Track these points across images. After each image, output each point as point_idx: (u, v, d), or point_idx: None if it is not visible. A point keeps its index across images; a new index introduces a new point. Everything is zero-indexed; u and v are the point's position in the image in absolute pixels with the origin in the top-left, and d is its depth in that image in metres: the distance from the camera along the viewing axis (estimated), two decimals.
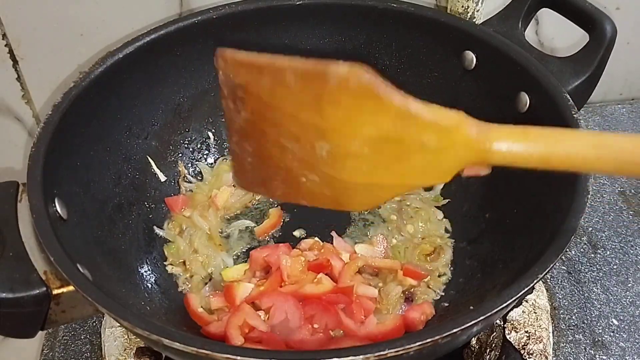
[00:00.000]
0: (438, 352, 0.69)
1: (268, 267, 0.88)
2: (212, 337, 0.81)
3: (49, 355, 0.92)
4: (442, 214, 0.99)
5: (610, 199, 1.10)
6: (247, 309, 0.82)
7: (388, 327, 0.82)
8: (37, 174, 0.75)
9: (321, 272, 0.87)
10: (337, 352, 0.60)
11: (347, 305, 0.83)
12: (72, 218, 0.78)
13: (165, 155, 0.99)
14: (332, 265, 0.87)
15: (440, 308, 0.87)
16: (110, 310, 0.65)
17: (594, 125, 1.22)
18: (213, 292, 0.88)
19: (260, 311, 0.83)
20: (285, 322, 0.81)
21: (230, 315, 0.82)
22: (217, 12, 0.96)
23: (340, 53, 1.04)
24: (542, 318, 0.88)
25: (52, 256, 0.68)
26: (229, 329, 0.79)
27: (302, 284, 0.84)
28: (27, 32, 1.00)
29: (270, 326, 0.81)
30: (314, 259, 0.89)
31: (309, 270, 0.87)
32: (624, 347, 0.91)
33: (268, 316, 0.82)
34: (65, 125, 0.81)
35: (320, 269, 0.87)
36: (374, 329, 0.82)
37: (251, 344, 0.78)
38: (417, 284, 0.89)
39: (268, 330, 0.80)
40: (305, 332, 0.80)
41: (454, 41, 0.95)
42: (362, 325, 0.82)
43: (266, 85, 0.56)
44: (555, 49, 1.18)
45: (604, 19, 0.85)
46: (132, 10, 1.01)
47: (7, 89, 1.05)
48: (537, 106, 0.87)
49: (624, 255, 1.02)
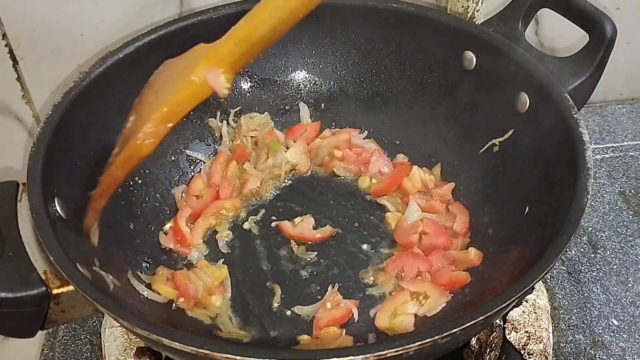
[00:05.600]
0: (438, 352, 0.69)
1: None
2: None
3: (49, 355, 0.92)
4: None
5: (610, 199, 1.10)
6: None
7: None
8: (37, 174, 0.75)
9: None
10: (337, 352, 0.60)
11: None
12: (72, 218, 0.78)
13: (165, 155, 0.99)
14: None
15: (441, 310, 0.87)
16: (110, 310, 0.65)
17: (594, 125, 1.22)
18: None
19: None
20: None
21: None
22: (217, 12, 0.96)
23: (340, 53, 1.04)
24: (542, 318, 0.88)
25: (52, 256, 0.68)
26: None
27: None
28: (27, 32, 1.00)
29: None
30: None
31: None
32: (624, 347, 0.91)
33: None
34: (65, 125, 0.81)
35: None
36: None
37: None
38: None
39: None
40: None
41: (454, 41, 0.95)
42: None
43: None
44: (555, 49, 1.18)
45: (604, 19, 0.85)
46: (132, 10, 1.02)
47: (7, 89, 1.05)
48: (537, 106, 0.87)
49: (624, 255, 1.02)
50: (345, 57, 1.04)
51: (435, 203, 0.95)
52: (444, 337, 0.61)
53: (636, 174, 1.14)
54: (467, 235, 0.92)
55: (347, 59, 1.04)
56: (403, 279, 0.87)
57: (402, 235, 0.92)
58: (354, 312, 0.85)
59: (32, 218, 0.71)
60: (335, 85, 1.06)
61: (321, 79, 1.06)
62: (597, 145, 1.18)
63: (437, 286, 0.85)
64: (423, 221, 0.93)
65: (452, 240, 0.91)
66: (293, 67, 1.06)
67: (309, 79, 1.07)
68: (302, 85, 1.07)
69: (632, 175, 1.13)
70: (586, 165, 0.75)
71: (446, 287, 0.86)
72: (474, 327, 0.63)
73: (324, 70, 1.06)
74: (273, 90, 1.06)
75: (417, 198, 0.95)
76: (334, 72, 1.05)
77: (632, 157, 1.16)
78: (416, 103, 1.02)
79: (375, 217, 0.97)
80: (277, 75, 1.06)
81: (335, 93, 1.07)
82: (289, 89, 1.07)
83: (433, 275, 0.87)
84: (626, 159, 1.16)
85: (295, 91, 1.07)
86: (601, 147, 1.18)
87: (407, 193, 0.97)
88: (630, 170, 1.14)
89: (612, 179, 1.13)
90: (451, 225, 0.93)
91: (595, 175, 1.13)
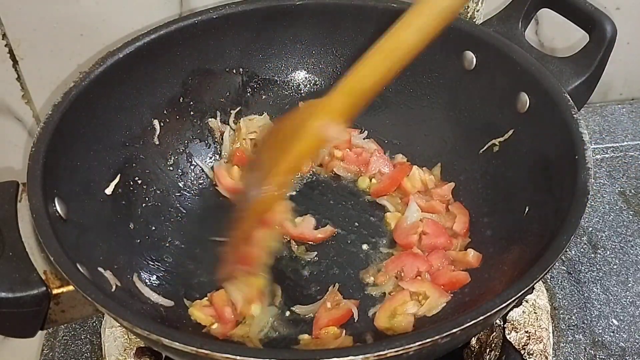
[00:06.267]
0: (438, 352, 0.69)
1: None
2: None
3: (49, 355, 0.92)
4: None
5: (610, 199, 1.10)
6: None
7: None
8: (37, 174, 0.75)
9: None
10: (337, 352, 0.60)
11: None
12: (72, 218, 0.78)
13: (165, 155, 0.99)
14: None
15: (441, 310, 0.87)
16: (110, 310, 0.65)
17: (594, 125, 1.22)
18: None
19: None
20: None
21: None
22: (217, 12, 0.96)
23: (340, 53, 1.04)
24: (542, 318, 0.88)
25: (52, 256, 0.68)
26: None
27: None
28: (27, 32, 1.00)
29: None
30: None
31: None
32: (624, 347, 0.91)
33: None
34: (65, 125, 0.81)
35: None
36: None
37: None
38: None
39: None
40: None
41: (454, 41, 0.95)
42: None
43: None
44: (555, 49, 1.18)
45: (604, 19, 0.85)
46: (132, 10, 1.02)
47: (7, 89, 1.05)
48: (537, 106, 0.87)
49: (624, 255, 1.02)
50: (345, 57, 1.04)
51: (435, 203, 0.95)
52: (444, 337, 0.61)
53: (636, 174, 1.14)
54: (467, 236, 0.92)
55: (347, 59, 1.04)
56: (403, 279, 0.87)
57: (402, 235, 0.92)
58: (353, 312, 0.85)
59: (32, 218, 0.71)
60: (335, 85, 1.06)
61: (321, 79, 1.06)
62: (597, 145, 1.18)
63: (437, 286, 0.85)
64: (423, 221, 0.93)
65: (452, 240, 0.91)
66: (293, 67, 1.06)
67: (309, 79, 1.07)
68: (302, 85, 1.07)
69: (632, 175, 1.13)
70: (586, 165, 0.75)
71: (446, 287, 0.86)
72: (474, 327, 0.63)
73: (324, 70, 1.06)
74: (273, 90, 1.06)
75: (417, 198, 0.95)
76: (334, 72, 1.05)
77: (632, 157, 1.16)
78: (416, 103, 1.02)
79: (375, 217, 0.97)
80: (277, 75, 1.06)
81: None
82: (289, 89, 1.07)
83: (433, 276, 0.87)
84: (626, 159, 1.16)
85: (295, 91, 1.07)
86: (601, 147, 1.18)
87: (407, 193, 0.97)
88: (630, 170, 1.14)
89: (612, 179, 1.13)
90: (451, 225, 0.93)
91: (595, 175, 1.13)
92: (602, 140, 1.19)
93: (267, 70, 1.05)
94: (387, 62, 0.74)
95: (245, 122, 1.04)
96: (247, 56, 1.02)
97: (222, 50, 1.00)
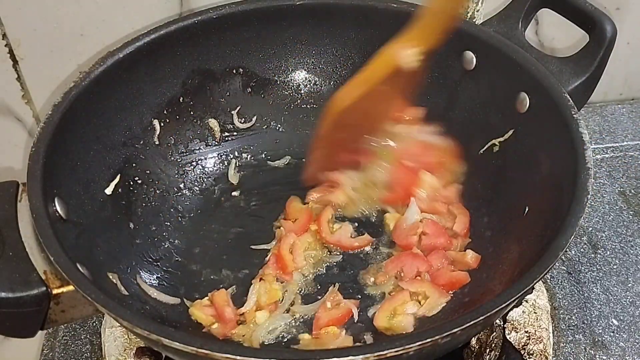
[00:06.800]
0: (438, 352, 0.69)
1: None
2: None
3: (49, 355, 0.92)
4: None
5: (610, 199, 1.10)
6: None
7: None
8: (37, 174, 0.75)
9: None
10: (336, 352, 0.60)
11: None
12: (72, 218, 0.78)
13: (165, 155, 0.99)
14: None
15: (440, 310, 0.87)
16: (110, 310, 0.65)
17: (594, 125, 1.22)
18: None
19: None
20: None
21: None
22: (217, 12, 0.96)
23: (340, 53, 1.04)
24: (542, 318, 0.88)
25: (52, 256, 0.68)
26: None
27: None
28: (27, 32, 1.00)
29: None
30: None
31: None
32: (624, 347, 0.91)
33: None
34: (65, 125, 0.81)
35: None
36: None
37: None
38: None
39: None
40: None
41: (454, 41, 0.94)
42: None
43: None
44: (555, 49, 1.18)
45: (604, 19, 0.85)
46: (132, 10, 1.02)
47: (7, 89, 1.05)
48: (537, 106, 0.87)
49: (624, 255, 1.02)
50: (345, 57, 1.04)
51: (437, 204, 0.95)
52: (444, 337, 0.61)
53: (636, 174, 1.14)
54: (467, 236, 0.92)
55: (347, 59, 1.04)
56: (402, 279, 0.87)
57: (401, 236, 0.92)
58: (353, 312, 0.85)
59: (32, 218, 0.71)
60: (335, 85, 1.06)
61: (321, 79, 1.06)
62: (597, 145, 1.18)
63: (437, 286, 0.85)
64: (423, 222, 0.92)
65: (452, 240, 0.91)
66: (293, 67, 1.06)
67: (309, 79, 1.07)
68: (302, 85, 1.07)
69: (632, 175, 1.13)
70: (586, 165, 0.75)
71: (445, 287, 0.86)
72: (474, 327, 0.63)
73: (324, 70, 1.06)
74: (273, 90, 1.06)
75: (419, 200, 0.95)
76: (334, 72, 1.05)
77: (632, 157, 1.16)
78: (416, 103, 1.02)
79: (375, 217, 0.97)
80: (277, 75, 1.06)
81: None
82: (289, 89, 1.07)
83: (432, 276, 0.87)
84: (626, 159, 1.16)
85: (295, 91, 1.07)
86: (601, 147, 1.18)
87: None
88: (630, 170, 1.14)
89: (612, 179, 1.13)
90: (451, 225, 0.93)
91: (595, 175, 1.13)
92: (602, 140, 1.19)
93: (267, 70, 1.05)
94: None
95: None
96: (247, 56, 1.02)
97: (222, 50, 1.00)
